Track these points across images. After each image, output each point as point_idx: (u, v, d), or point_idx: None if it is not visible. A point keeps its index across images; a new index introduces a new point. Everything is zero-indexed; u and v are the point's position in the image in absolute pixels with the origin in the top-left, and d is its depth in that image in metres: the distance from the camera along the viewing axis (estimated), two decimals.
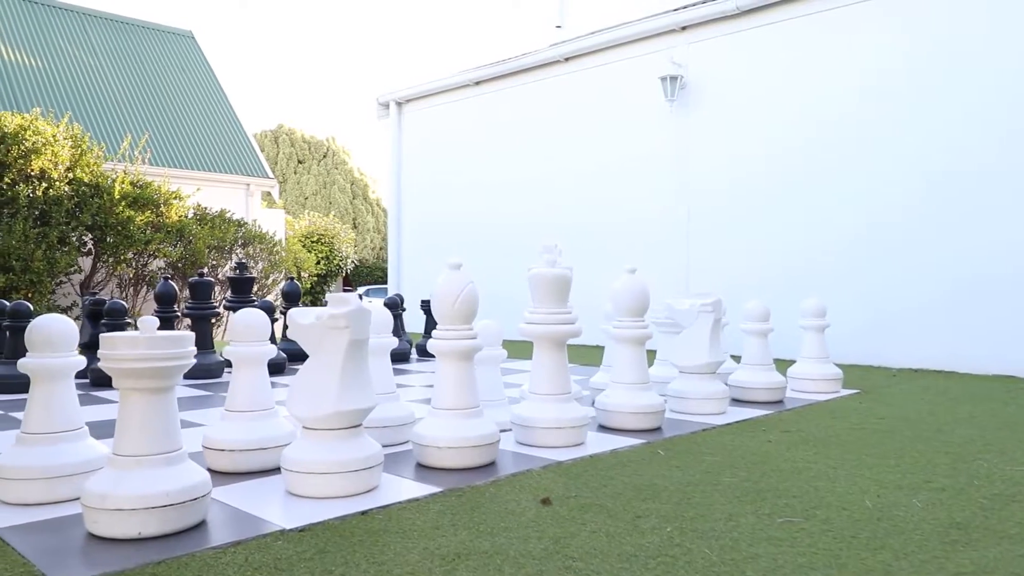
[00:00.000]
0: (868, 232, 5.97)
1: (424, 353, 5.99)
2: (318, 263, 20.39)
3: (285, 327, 2.30)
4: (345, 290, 6.04)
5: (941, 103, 5.68)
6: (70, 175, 10.00)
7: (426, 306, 6.09)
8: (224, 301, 5.44)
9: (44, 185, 9.51)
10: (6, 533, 1.83)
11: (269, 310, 5.26)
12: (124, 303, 4.32)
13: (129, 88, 15.87)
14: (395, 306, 5.81)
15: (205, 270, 10.69)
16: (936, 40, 5.73)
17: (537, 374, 2.83)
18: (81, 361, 2.16)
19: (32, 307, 4.22)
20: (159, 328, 1.86)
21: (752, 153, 6.69)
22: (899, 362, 5.68)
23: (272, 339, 5.12)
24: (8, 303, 4.25)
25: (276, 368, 4.94)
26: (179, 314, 5.22)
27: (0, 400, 3.74)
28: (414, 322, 8.13)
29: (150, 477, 1.79)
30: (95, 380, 4.39)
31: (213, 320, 5.09)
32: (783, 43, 6.53)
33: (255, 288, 10.15)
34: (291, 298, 5.55)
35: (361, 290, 25.79)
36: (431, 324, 6.11)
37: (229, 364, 4.85)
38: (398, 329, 5.90)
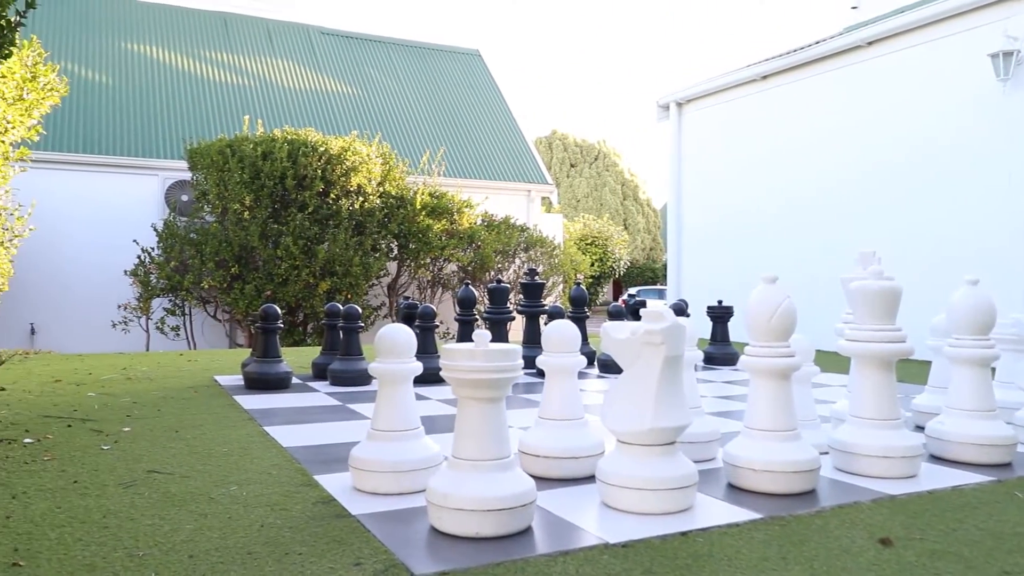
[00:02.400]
0: None
1: (710, 361, 5.82)
2: (592, 265, 20.87)
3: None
4: (625, 302, 6.07)
5: None
6: (380, 189, 11.24)
7: (713, 312, 5.92)
8: (517, 306, 5.73)
9: (360, 199, 10.78)
10: (364, 519, 2.06)
11: (559, 315, 5.44)
12: (433, 308, 4.72)
13: (426, 106, 17.48)
14: (680, 312, 5.71)
15: (502, 276, 11.44)
16: None
17: (860, 395, 2.58)
18: (418, 367, 2.37)
19: (360, 310, 4.77)
20: (477, 332, 1.99)
21: None
22: None
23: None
24: (341, 307, 4.85)
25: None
26: (478, 318, 5.60)
27: (339, 392, 4.27)
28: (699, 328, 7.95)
29: (487, 481, 1.90)
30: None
31: (508, 324, 5.38)
32: None
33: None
34: (578, 303, 5.68)
35: (632, 290, 25.95)
36: (718, 331, 5.92)
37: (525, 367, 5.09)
38: None
